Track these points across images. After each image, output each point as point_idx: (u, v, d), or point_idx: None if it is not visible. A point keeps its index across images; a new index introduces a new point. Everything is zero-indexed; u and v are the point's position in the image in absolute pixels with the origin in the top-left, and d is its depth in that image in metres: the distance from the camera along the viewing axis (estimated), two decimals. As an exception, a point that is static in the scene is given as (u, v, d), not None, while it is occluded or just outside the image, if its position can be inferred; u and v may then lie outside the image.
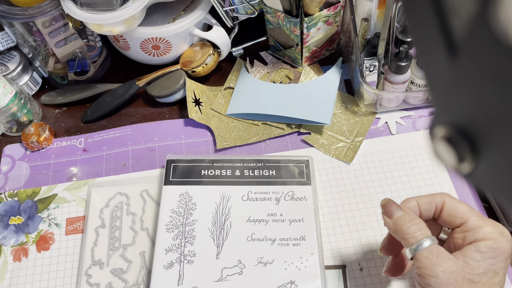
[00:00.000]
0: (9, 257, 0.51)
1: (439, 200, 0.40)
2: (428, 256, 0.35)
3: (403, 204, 0.40)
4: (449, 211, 0.39)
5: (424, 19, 0.17)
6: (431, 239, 0.36)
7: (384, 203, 0.40)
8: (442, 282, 0.34)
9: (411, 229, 0.37)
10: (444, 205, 0.39)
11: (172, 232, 0.49)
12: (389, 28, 0.52)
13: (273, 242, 0.48)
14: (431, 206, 0.40)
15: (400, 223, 0.38)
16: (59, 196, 0.55)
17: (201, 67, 0.62)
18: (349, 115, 0.59)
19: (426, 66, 0.18)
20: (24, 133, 0.58)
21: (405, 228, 0.37)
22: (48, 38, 0.59)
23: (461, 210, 0.38)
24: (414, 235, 0.36)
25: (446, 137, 0.18)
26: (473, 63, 0.15)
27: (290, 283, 0.46)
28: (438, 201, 0.40)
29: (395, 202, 0.39)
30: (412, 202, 0.40)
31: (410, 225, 0.37)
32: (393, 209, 0.39)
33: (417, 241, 0.36)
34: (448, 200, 0.39)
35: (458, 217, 0.38)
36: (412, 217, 0.38)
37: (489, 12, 0.13)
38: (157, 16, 0.65)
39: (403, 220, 0.38)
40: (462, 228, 0.38)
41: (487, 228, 0.37)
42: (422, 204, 0.40)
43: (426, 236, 0.36)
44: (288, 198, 0.51)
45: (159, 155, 0.58)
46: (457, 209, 0.39)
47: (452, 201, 0.39)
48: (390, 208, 0.39)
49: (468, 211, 0.38)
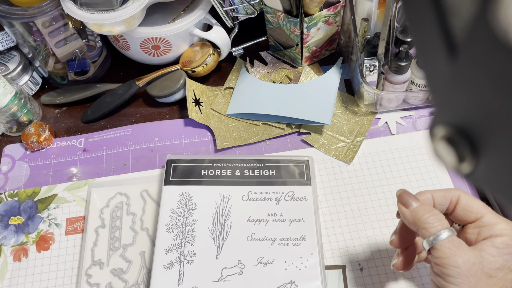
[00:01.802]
0: (9, 257, 0.51)
1: (454, 194, 0.40)
2: (449, 246, 0.35)
3: (418, 195, 0.40)
4: (464, 205, 0.39)
5: (424, 19, 0.17)
6: (450, 230, 0.36)
7: (400, 193, 0.40)
8: (463, 273, 0.34)
9: (431, 219, 0.37)
10: (459, 200, 0.39)
11: (172, 232, 0.49)
12: (389, 28, 0.52)
13: (273, 242, 0.48)
14: (446, 200, 0.40)
15: (420, 213, 0.37)
16: (59, 196, 0.55)
17: (201, 67, 0.62)
18: (349, 115, 0.59)
19: (426, 66, 0.18)
20: (24, 133, 0.58)
21: (425, 218, 0.37)
22: (48, 38, 0.59)
23: (476, 206, 0.38)
24: (434, 225, 0.36)
25: (446, 137, 0.18)
26: (473, 63, 0.15)
27: (290, 283, 0.46)
28: (453, 195, 0.40)
29: (410, 193, 0.39)
30: (426, 195, 0.40)
31: (429, 215, 0.37)
32: (410, 199, 0.39)
33: (437, 231, 0.36)
34: (463, 195, 0.39)
35: (474, 212, 0.38)
36: (430, 208, 0.38)
37: (489, 12, 0.13)
38: (157, 16, 0.65)
39: (422, 210, 0.38)
40: (477, 224, 0.38)
41: (503, 224, 0.37)
42: (437, 198, 0.40)
43: (445, 227, 0.36)
44: (288, 198, 0.51)
45: (159, 155, 0.58)
46: (472, 204, 0.39)
47: (467, 197, 0.39)
48: (407, 198, 0.39)
49: (483, 207, 0.38)
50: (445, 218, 0.37)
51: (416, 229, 0.38)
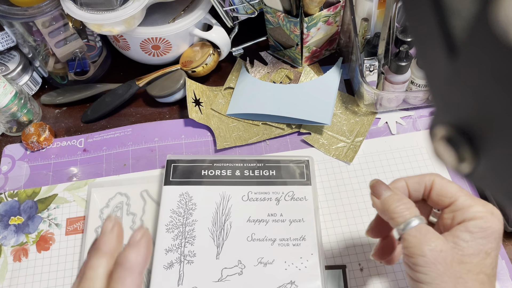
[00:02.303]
0: (9, 257, 0.51)
1: (428, 179, 0.39)
2: (415, 235, 0.34)
3: (392, 184, 0.40)
4: (438, 190, 0.38)
5: (424, 19, 0.17)
6: (419, 218, 0.36)
7: (373, 183, 0.39)
8: (430, 261, 0.33)
9: (399, 208, 0.36)
10: (433, 184, 0.38)
11: (172, 232, 0.49)
12: (389, 28, 0.52)
13: (273, 242, 0.48)
14: (420, 186, 0.39)
15: (388, 203, 0.37)
16: (59, 196, 0.55)
17: (201, 67, 0.62)
18: (349, 115, 0.59)
19: (426, 66, 0.18)
20: (24, 133, 0.58)
21: (393, 207, 0.36)
22: (48, 38, 0.59)
23: (450, 190, 0.38)
24: (402, 214, 0.36)
25: (446, 137, 0.18)
26: (473, 63, 0.15)
27: (290, 283, 0.46)
28: (427, 180, 0.39)
29: (384, 182, 0.39)
30: (401, 182, 0.40)
31: (398, 204, 0.36)
32: (381, 189, 0.38)
33: (405, 220, 0.35)
34: (437, 179, 0.38)
35: (447, 196, 0.37)
36: (400, 197, 0.37)
37: (489, 12, 0.13)
38: (157, 16, 0.65)
39: (391, 200, 0.37)
40: (451, 208, 0.37)
41: (477, 207, 0.36)
42: (411, 184, 0.39)
43: (414, 215, 0.36)
44: (288, 198, 0.51)
45: (159, 155, 0.58)
46: (447, 188, 0.38)
47: (442, 181, 0.38)
48: (379, 188, 0.38)
49: (458, 190, 0.37)
50: (415, 206, 0.37)
51: (387, 218, 0.37)
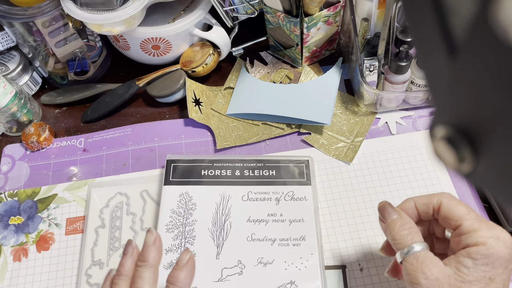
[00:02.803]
0: (9, 257, 0.51)
1: (436, 201, 0.38)
2: (412, 263, 0.35)
3: (401, 205, 0.40)
4: (444, 213, 0.37)
5: (424, 19, 0.17)
6: (421, 244, 0.36)
7: (380, 206, 0.39)
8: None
9: (401, 234, 0.36)
10: (440, 206, 0.38)
11: (172, 232, 0.49)
12: (389, 28, 0.52)
13: (273, 242, 0.48)
14: (428, 208, 0.38)
15: (391, 227, 0.37)
16: (59, 196, 0.55)
17: (201, 67, 0.62)
18: (349, 115, 0.59)
19: (426, 66, 0.18)
20: (24, 133, 0.58)
21: (395, 232, 0.37)
22: (48, 38, 0.59)
23: (456, 213, 0.36)
24: (404, 240, 0.36)
25: (446, 137, 0.18)
26: (473, 63, 0.15)
27: (290, 283, 0.46)
28: (435, 202, 0.38)
29: (391, 205, 0.39)
30: (409, 203, 0.39)
31: (400, 229, 0.37)
32: (387, 213, 0.38)
33: (406, 246, 0.36)
34: (445, 201, 0.37)
35: (453, 219, 0.36)
36: (404, 221, 0.37)
37: (489, 12, 0.13)
38: (157, 16, 0.65)
39: (394, 224, 0.37)
40: (457, 232, 0.36)
41: (482, 232, 0.35)
42: (420, 205, 0.39)
43: (416, 242, 0.36)
44: (288, 198, 0.51)
45: (159, 155, 0.58)
46: (453, 211, 0.37)
47: (450, 203, 0.37)
48: (385, 211, 0.38)
49: (465, 213, 0.36)
50: (418, 232, 0.36)
51: (391, 243, 0.37)
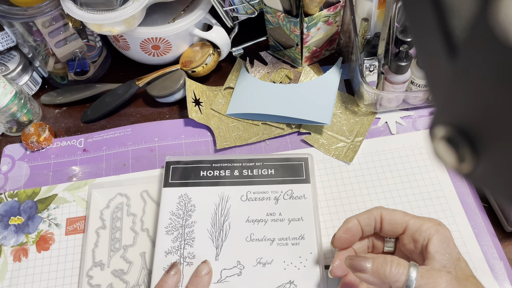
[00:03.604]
0: (9, 257, 0.51)
1: (376, 213, 0.41)
2: (427, 282, 0.35)
3: (345, 225, 0.42)
4: (388, 220, 0.41)
5: (424, 19, 0.17)
6: (413, 265, 0.36)
7: (348, 262, 0.38)
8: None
9: (394, 270, 0.36)
10: (382, 217, 0.41)
11: (172, 234, 0.49)
12: (389, 28, 0.52)
13: (272, 242, 0.48)
14: (370, 221, 0.41)
15: (381, 271, 0.36)
16: (59, 196, 0.55)
17: (201, 67, 0.62)
18: (349, 115, 0.59)
19: (426, 66, 0.18)
20: (24, 133, 0.58)
21: (388, 272, 0.36)
22: (48, 38, 0.59)
23: (398, 217, 0.41)
24: (401, 273, 0.36)
25: (446, 137, 0.18)
26: (473, 63, 0.15)
27: (289, 283, 0.46)
28: (376, 214, 0.41)
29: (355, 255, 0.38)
30: (353, 222, 0.42)
31: (389, 267, 0.36)
32: (362, 262, 0.37)
33: (406, 277, 0.35)
34: (384, 211, 0.41)
35: (399, 223, 0.40)
36: (383, 258, 0.37)
37: (489, 12, 0.13)
38: (157, 16, 0.65)
39: (380, 267, 0.36)
40: (407, 233, 0.40)
41: (426, 224, 0.39)
42: (362, 221, 0.42)
43: (409, 266, 0.36)
44: (287, 197, 0.51)
45: (159, 155, 0.58)
46: (395, 217, 0.41)
47: (388, 211, 0.41)
48: (359, 263, 0.37)
49: (404, 215, 0.41)
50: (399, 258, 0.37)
51: (387, 286, 0.37)
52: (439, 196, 0.52)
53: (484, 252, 0.48)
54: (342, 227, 0.42)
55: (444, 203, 0.51)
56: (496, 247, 0.48)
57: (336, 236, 0.42)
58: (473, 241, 0.48)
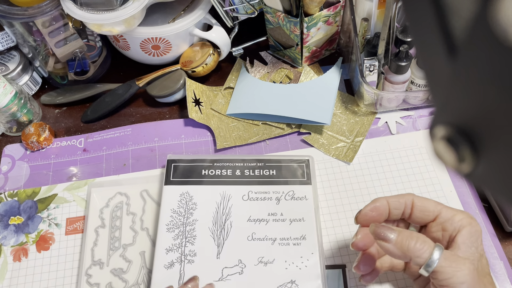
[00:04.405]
0: (9, 257, 0.51)
1: (407, 199, 0.41)
2: (448, 265, 0.35)
3: (373, 203, 0.41)
4: (420, 207, 0.41)
5: (424, 19, 0.17)
6: (438, 246, 0.36)
7: (373, 229, 0.38)
8: (470, 285, 0.34)
9: (418, 246, 0.36)
10: (414, 203, 0.41)
11: (173, 232, 0.49)
12: (389, 28, 0.52)
13: (274, 241, 0.48)
14: (400, 205, 0.41)
15: (405, 244, 0.36)
16: (59, 196, 0.55)
17: (201, 67, 0.62)
18: (349, 115, 0.59)
19: (426, 66, 0.18)
20: (24, 133, 0.58)
21: (412, 247, 0.36)
22: (48, 38, 0.59)
23: (431, 205, 0.40)
24: (424, 251, 0.35)
25: (446, 137, 0.18)
26: (473, 63, 0.15)
27: (291, 282, 0.46)
28: (407, 199, 0.41)
29: (381, 224, 0.38)
30: (382, 201, 0.41)
31: (414, 242, 0.36)
32: (387, 232, 0.37)
33: (429, 255, 0.35)
34: (416, 198, 0.41)
35: (431, 211, 0.40)
36: (410, 234, 0.37)
37: (489, 12, 0.13)
38: (157, 16, 0.65)
39: (405, 240, 0.36)
40: (438, 221, 0.40)
41: (458, 215, 0.39)
42: (392, 203, 0.41)
43: (433, 246, 0.36)
44: (289, 198, 0.51)
45: (159, 155, 0.58)
46: (427, 205, 0.41)
47: (420, 199, 0.41)
48: (383, 232, 0.37)
49: (437, 204, 0.40)
50: (426, 237, 0.37)
51: (408, 259, 0.36)
52: (439, 196, 0.52)
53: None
54: (370, 204, 0.41)
55: (444, 203, 0.51)
56: (496, 247, 0.48)
57: (362, 211, 0.41)
58: (473, 241, 0.48)
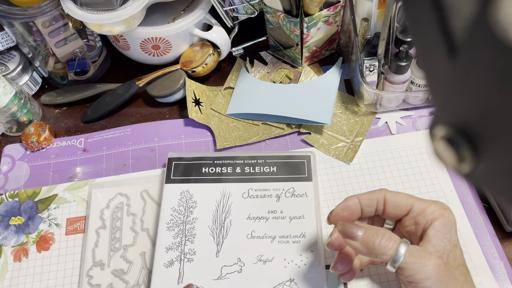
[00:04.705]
0: (9, 257, 0.51)
1: (379, 195, 0.41)
2: (414, 261, 0.35)
3: (344, 202, 0.41)
4: (393, 202, 0.40)
5: (424, 19, 0.17)
6: (404, 242, 0.36)
7: (341, 227, 0.38)
8: (436, 279, 0.34)
9: (384, 243, 0.36)
10: (386, 199, 0.40)
11: (173, 230, 0.49)
12: (389, 28, 0.52)
13: (273, 239, 0.48)
14: (372, 202, 0.41)
15: (370, 241, 0.36)
16: (59, 196, 0.55)
17: (201, 67, 0.62)
18: (349, 115, 0.59)
19: (426, 66, 0.18)
20: (24, 133, 0.58)
21: (377, 244, 0.36)
22: (48, 38, 0.59)
23: (403, 199, 0.40)
24: (390, 247, 0.36)
25: (446, 137, 0.18)
26: (473, 63, 0.15)
27: (290, 281, 0.46)
28: (379, 196, 0.41)
29: (349, 222, 0.38)
30: (353, 200, 0.41)
31: (379, 239, 0.36)
32: (354, 230, 0.37)
33: (395, 251, 0.35)
34: (388, 193, 0.41)
35: (403, 205, 0.40)
36: (376, 231, 0.37)
37: (489, 12, 0.13)
38: (157, 16, 0.65)
39: (371, 237, 0.36)
40: (410, 215, 0.39)
41: (431, 207, 0.39)
42: (364, 201, 0.41)
43: (399, 242, 0.36)
44: (289, 195, 0.51)
45: (159, 155, 0.58)
46: (399, 199, 0.40)
47: (392, 194, 0.41)
48: (351, 230, 0.37)
49: (409, 197, 0.40)
50: (392, 232, 0.37)
51: (374, 256, 0.36)
52: (439, 196, 0.52)
53: (484, 252, 0.48)
54: (341, 204, 0.41)
55: (444, 203, 0.51)
56: (496, 247, 0.48)
57: (333, 212, 0.41)
58: (473, 241, 0.48)
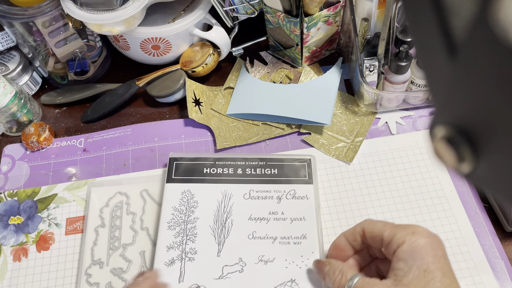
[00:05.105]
0: (9, 257, 0.51)
1: (359, 229, 0.41)
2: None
3: (335, 241, 0.43)
4: (369, 234, 0.40)
5: (424, 19, 0.17)
6: (355, 276, 0.38)
7: (314, 265, 0.44)
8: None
9: (336, 279, 0.39)
10: (364, 231, 0.40)
11: (174, 229, 0.49)
12: (389, 28, 0.52)
13: (274, 240, 0.48)
14: (355, 236, 0.41)
15: (328, 278, 0.41)
16: (59, 196, 0.55)
17: (201, 67, 0.62)
18: (349, 115, 0.59)
19: (426, 66, 0.18)
20: (24, 133, 0.58)
21: (332, 279, 0.40)
22: (48, 38, 0.59)
23: (376, 229, 0.39)
24: (340, 283, 0.39)
25: (446, 137, 0.18)
26: (473, 63, 0.15)
27: (291, 281, 0.46)
28: (359, 230, 0.40)
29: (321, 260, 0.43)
30: (341, 238, 0.42)
31: (334, 275, 0.40)
32: (320, 267, 0.42)
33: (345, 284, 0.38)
34: (366, 225, 0.40)
35: (376, 235, 0.39)
36: (333, 268, 0.40)
37: (489, 12, 0.13)
38: (157, 16, 0.65)
39: (328, 273, 0.41)
40: (385, 245, 0.38)
41: (398, 234, 0.37)
42: (349, 236, 0.42)
43: (350, 276, 0.38)
44: (290, 197, 0.51)
45: (159, 155, 0.58)
46: (373, 230, 0.39)
47: (369, 224, 0.40)
48: (319, 267, 0.43)
49: (382, 226, 0.39)
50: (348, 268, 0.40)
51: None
52: (440, 196, 0.52)
53: (485, 252, 0.48)
54: (331, 244, 0.44)
55: (444, 203, 0.51)
56: (497, 246, 0.48)
57: (327, 253, 0.45)
58: (474, 240, 0.48)
